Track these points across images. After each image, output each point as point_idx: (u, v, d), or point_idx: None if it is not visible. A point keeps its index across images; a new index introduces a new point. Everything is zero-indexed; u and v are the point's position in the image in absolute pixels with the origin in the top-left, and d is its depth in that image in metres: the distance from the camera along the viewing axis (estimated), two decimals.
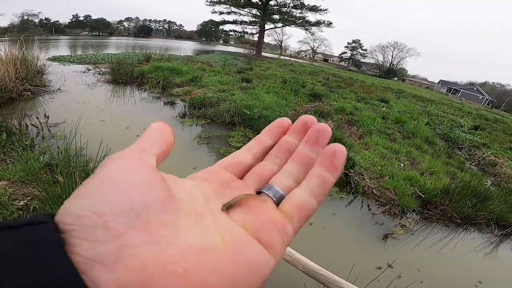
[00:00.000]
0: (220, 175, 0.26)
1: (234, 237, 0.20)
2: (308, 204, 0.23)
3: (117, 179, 0.18)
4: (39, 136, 3.67)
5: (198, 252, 0.17)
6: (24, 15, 63.40)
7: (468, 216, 3.33)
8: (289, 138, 0.29)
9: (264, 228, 0.21)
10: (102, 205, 0.16)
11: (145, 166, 0.20)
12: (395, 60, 71.15)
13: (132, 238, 0.16)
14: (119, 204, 0.17)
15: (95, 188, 0.17)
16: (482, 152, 6.37)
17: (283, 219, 0.22)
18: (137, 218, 0.17)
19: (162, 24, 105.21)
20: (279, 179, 0.26)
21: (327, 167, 0.24)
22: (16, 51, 5.87)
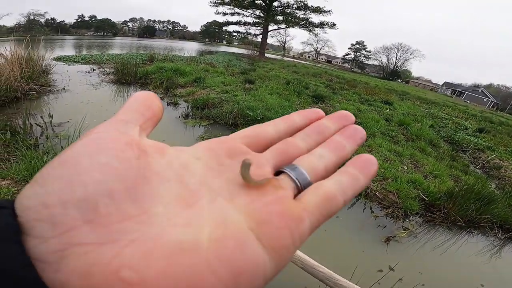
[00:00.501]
0: (232, 145, 0.22)
1: (227, 230, 0.16)
2: (335, 199, 0.19)
3: (79, 161, 0.15)
4: (43, 135, 3.70)
5: (170, 252, 0.14)
6: (30, 15, 64.21)
7: (472, 219, 3.31)
8: (326, 122, 0.25)
9: (270, 222, 0.17)
10: (51, 194, 0.14)
11: (117, 141, 0.17)
12: (399, 62, 70.97)
13: (81, 235, 0.13)
14: (71, 192, 0.14)
15: (52, 172, 0.15)
16: (486, 155, 6.32)
17: (300, 213, 0.18)
18: (92, 210, 0.14)
19: (166, 24, 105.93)
20: (307, 160, 0.22)
21: (361, 170, 0.21)
22: (22, 50, 5.92)
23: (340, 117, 0.26)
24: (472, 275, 2.70)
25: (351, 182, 0.20)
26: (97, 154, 0.15)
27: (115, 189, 0.15)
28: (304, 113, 0.26)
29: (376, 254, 2.60)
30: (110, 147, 0.16)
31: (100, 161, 0.15)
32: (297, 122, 0.25)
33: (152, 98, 0.22)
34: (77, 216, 0.13)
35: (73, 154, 0.15)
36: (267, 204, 0.18)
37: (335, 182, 0.20)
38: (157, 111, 0.21)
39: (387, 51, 70.96)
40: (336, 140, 0.24)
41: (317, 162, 0.22)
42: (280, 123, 0.25)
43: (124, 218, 0.14)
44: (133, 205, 0.15)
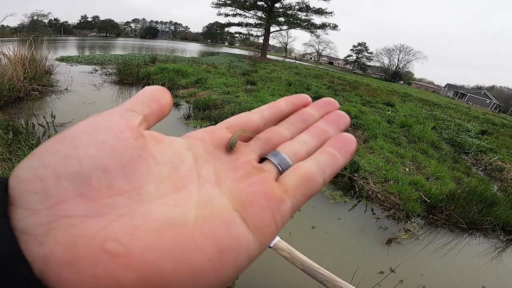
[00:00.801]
0: (219, 134, 0.23)
1: (213, 211, 0.16)
2: (314, 178, 0.20)
3: (77, 137, 0.15)
4: (45, 135, 3.72)
5: (157, 227, 0.14)
6: (34, 15, 64.56)
7: (474, 221, 3.30)
8: (310, 110, 0.26)
9: (254, 202, 0.17)
10: (46, 167, 0.14)
11: (118, 123, 0.17)
12: (401, 64, 70.97)
13: (71, 208, 0.13)
14: (66, 166, 0.14)
15: (50, 147, 0.15)
16: (489, 157, 6.29)
17: (281, 194, 0.18)
18: (85, 183, 0.14)
19: (168, 25, 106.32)
20: (289, 146, 0.23)
21: (339, 149, 0.22)
22: (25, 51, 5.97)
23: (325, 104, 0.26)
24: (474, 277, 2.68)
25: (330, 161, 0.21)
26: (95, 132, 0.16)
27: (109, 165, 0.15)
28: (290, 99, 0.26)
29: (377, 255, 2.59)
30: (110, 127, 0.17)
31: (98, 138, 0.16)
32: (283, 109, 0.26)
33: (162, 93, 0.22)
34: (70, 188, 0.14)
35: (72, 132, 0.16)
36: (250, 185, 0.18)
37: (313, 162, 0.21)
38: (164, 106, 0.22)
39: (389, 53, 70.97)
40: (319, 126, 0.24)
41: (299, 148, 0.22)
42: (265, 110, 0.26)
43: (116, 193, 0.15)
44: (126, 181, 0.15)
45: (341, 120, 0.25)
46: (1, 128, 3.32)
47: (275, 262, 1.75)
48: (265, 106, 0.26)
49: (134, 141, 0.17)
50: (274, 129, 0.25)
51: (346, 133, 0.23)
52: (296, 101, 0.26)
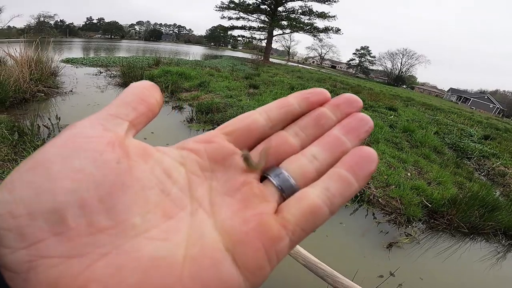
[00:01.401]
0: (218, 145, 0.20)
1: (204, 249, 0.15)
2: (320, 212, 0.18)
3: (50, 165, 0.14)
4: (50, 137, 3.76)
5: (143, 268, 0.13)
6: (40, 16, 65.17)
7: (475, 226, 3.30)
8: (326, 111, 0.22)
9: (247, 243, 0.16)
10: (19, 204, 0.13)
11: (98, 141, 0.15)
12: (404, 68, 70.78)
13: (49, 248, 0.12)
14: (39, 202, 0.13)
15: (21, 177, 0.13)
16: (491, 162, 6.27)
17: (279, 232, 0.16)
18: (61, 222, 0.13)
19: (172, 28, 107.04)
20: (296, 163, 0.20)
21: (355, 171, 0.18)
22: (32, 52, 6.03)
23: (345, 103, 0.22)
24: (475, 281, 2.69)
25: (341, 188, 0.18)
26: (71, 157, 0.14)
27: (87, 199, 0.13)
28: (303, 95, 0.23)
29: (378, 259, 2.59)
30: (88, 148, 0.15)
31: (74, 166, 0.14)
32: (295, 108, 0.22)
33: (150, 90, 0.20)
34: (45, 228, 0.13)
35: (45, 156, 0.14)
36: (246, 222, 0.17)
37: (321, 191, 0.18)
38: (153, 105, 0.19)
39: (392, 57, 70.88)
40: (334, 135, 0.21)
41: (308, 165, 0.20)
42: (273, 110, 0.22)
43: (96, 230, 0.13)
44: (107, 216, 0.14)
45: (362, 127, 0.21)
46: (7, 129, 3.37)
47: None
48: (273, 103, 0.22)
49: (116, 166, 0.15)
50: (281, 136, 0.21)
51: (366, 148, 0.19)
52: (311, 97, 0.23)
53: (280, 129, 0.22)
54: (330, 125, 0.22)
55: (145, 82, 0.20)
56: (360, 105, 0.22)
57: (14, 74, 5.23)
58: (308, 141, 0.21)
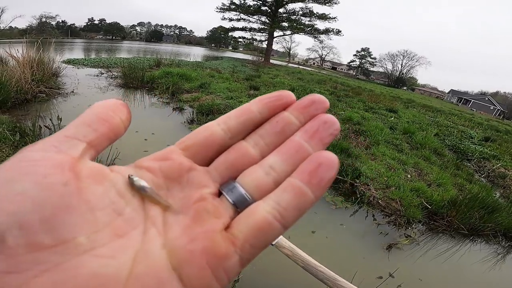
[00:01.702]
0: (173, 162, 0.20)
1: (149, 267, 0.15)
2: (269, 227, 0.17)
3: None
4: None
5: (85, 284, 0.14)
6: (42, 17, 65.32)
7: (475, 228, 3.31)
8: (289, 116, 0.21)
9: (191, 262, 0.16)
10: None
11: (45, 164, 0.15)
12: (404, 69, 70.77)
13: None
14: None
15: None
16: (492, 164, 6.27)
17: (226, 250, 0.16)
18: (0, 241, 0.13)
19: (173, 29, 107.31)
20: (253, 175, 0.19)
21: (311, 179, 0.18)
22: (33, 53, 6.05)
23: (309, 105, 0.21)
24: (474, 282, 2.70)
25: (295, 201, 0.17)
26: (14, 181, 0.14)
27: (27, 220, 0.14)
28: (265, 101, 0.21)
29: (377, 261, 2.60)
30: (32, 172, 0.15)
31: (16, 189, 0.14)
32: (255, 115, 0.21)
33: (115, 110, 0.20)
34: None
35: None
36: (192, 240, 0.16)
37: (272, 205, 0.17)
38: (116, 126, 0.19)
39: (393, 58, 70.89)
40: (295, 142, 0.20)
41: (263, 177, 0.19)
42: (232, 119, 0.21)
43: (37, 249, 0.14)
44: (49, 236, 0.14)
45: (326, 130, 0.20)
46: (8, 129, 3.39)
47: (276, 259, 1.77)
48: (233, 112, 0.22)
49: (62, 188, 0.15)
50: (240, 147, 0.21)
51: (325, 153, 0.18)
52: (272, 103, 0.21)
53: (241, 139, 0.21)
54: (293, 131, 0.20)
55: (111, 101, 0.20)
56: (326, 105, 0.21)
57: (16, 74, 5.25)
58: (269, 150, 0.20)
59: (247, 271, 2.05)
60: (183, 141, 0.21)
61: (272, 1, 29.19)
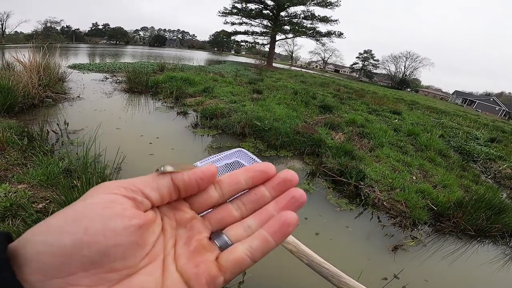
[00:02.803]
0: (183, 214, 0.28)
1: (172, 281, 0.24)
2: (243, 262, 0.25)
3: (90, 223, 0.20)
4: (58, 142, 3.83)
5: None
6: (47, 22, 66.06)
7: (482, 229, 3.28)
8: (264, 191, 0.29)
9: (197, 279, 0.24)
10: (61, 248, 0.19)
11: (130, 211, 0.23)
12: (408, 71, 70.42)
13: (77, 279, 0.19)
14: (78, 249, 0.19)
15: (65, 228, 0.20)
16: (498, 165, 6.22)
17: (216, 273, 0.25)
18: (90, 264, 0.19)
19: (176, 34, 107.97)
20: (235, 230, 0.28)
21: (274, 233, 0.26)
22: (40, 58, 6.11)
23: (281, 183, 0.29)
24: (482, 283, 2.67)
25: (261, 245, 0.26)
26: (109, 219, 0.21)
27: (112, 252, 0.20)
28: (251, 174, 0.29)
29: (383, 262, 2.59)
30: (122, 215, 0.22)
31: (109, 226, 0.21)
32: (242, 186, 0.29)
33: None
34: (78, 266, 0.19)
35: (87, 211, 0.21)
36: (196, 265, 0.25)
37: (246, 247, 0.26)
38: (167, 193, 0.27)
39: (396, 60, 70.61)
40: (267, 211, 0.28)
41: (242, 233, 0.27)
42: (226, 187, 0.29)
43: (112, 270, 0.20)
44: (122, 263, 0.21)
45: (292, 205, 0.28)
46: (16, 134, 3.43)
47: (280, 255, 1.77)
48: (226, 178, 0.29)
49: (137, 231, 0.22)
50: (226, 209, 0.29)
51: (289, 214, 0.26)
52: (257, 177, 0.29)
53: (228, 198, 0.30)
54: (266, 202, 0.29)
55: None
56: (295, 182, 0.29)
57: (23, 79, 5.32)
58: (247, 213, 0.29)
59: (252, 273, 2.05)
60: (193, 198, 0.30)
61: (273, 5, 29.30)
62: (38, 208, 2.35)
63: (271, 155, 4.53)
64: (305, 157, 4.66)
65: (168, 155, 4.00)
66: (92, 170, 2.76)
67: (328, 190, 3.67)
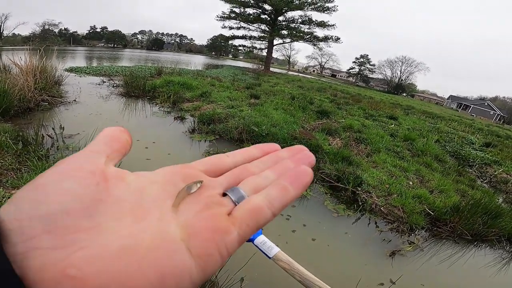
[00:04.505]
0: (190, 171, 0.25)
1: (163, 241, 0.19)
2: (261, 211, 0.22)
3: (47, 185, 0.19)
4: (53, 147, 3.79)
5: (111, 256, 0.18)
6: (45, 24, 65.85)
7: (479, 233, 3.30)
8: (282, 152, 0.29)
9: (198, 234, 0.20)
10: (22, 211, 0.18)
11: (82, 170, 0.21)
12: (403, 75, 70.99)
13: (41, 242, 0.17)
14: (37, 210, 0.18)
15: (25, 195, 0.19)
16: (493, 169, 6.27)
17: (227, 227, 0.21)
18: (52, 223, 0.17)
19: (173, 37, 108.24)
20: (250, 181, 0.25)
21: (292, 181, 0.24)
22: (36, 61, 6.06)
23: (296, 148, 0.29)
24: (479, 287, 2.69)
25: (280, 194, 0.23)
26: (62, 181, 0.19)
27: (72, 208, 0.18)
28: (261, 147, 0.30)
29: (381, 268, 2.58)
30: (75, 175, 0.20)
31: (64, 186, 0.19)
32: (255, 154, 0.28)
33: (120, 133, 0.26)
34: (39, 227, 0.17)
35: (44, 180, 0.19)
36: (201, 219, 0.21)
37: (263, 196, 0.23)
38: (124, 143, 0.25)
39: (392, 65, 71.22)
40: (283, 163, 0.27)
41: (260, 182, 0.25)
42: (237, 155, 0.28)
43: (78, 230, 0.18)
44: (87, 220, 0.18)
45: (306, 159, 0.27)
46: (11, 138, 3.39)
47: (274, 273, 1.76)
48: (237, 151, 0.29)
49: (95, 187, 0.20)
50: (245, 166, 0.27)
51: (304, 166, 0.25)
52: (266, 148, 0.29)
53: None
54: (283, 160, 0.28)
55: (116, 127, 0.26)
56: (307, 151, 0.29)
57: (19, 82, 5.27)
58: (265, 169, 0.27)
59: (248, 285, 2.03)
60: (199, 162, 0.27)
61: (271, 10, 29.53)
62: None
63: None
64: None
65: (164, 160, 3.98)
66: None
67: (326, 195, 3.67)
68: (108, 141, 0.24)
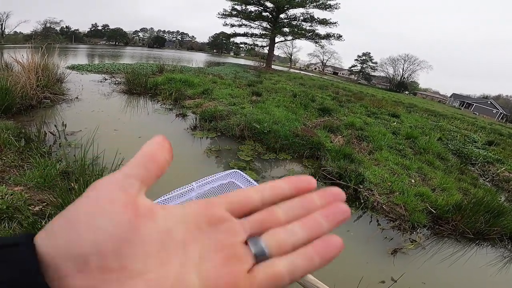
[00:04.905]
0: (216, 212, 0.24)
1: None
2: (281, 279, 0.22)
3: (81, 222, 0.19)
4: (56, 144, 3.80)
5: None
6: (47, 22, 65.82)
7: (481, 232, 3.29)
8: (315, 197, 0.26)
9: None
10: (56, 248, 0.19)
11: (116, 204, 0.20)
12: (406, 73, 70.51)
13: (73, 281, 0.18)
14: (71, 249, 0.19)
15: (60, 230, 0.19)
16: (496, 168, 6.24)
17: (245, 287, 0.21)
18: (84, 264, 0.18)
19: (175, 35, 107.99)
20: (276, 235, 0.24)
21: (319, 252, 0.23)
22: (38, 59, 6.07)
23: (331, 194, 0.26)
24: (481, 285, 2.69)
25: (305, 264, 0.22)
26: (95, 216, 0.20)
27: (104, 249, 0.19)
28: (293, 181, 0.26)
29: (383, 266, 2.58)
30: (107, 210, 0.20)
31: (96, 224, 0.19)
32: (285, 191, 0.26)
33: (160, 151, 0.24)
34: (73, 267, 0.18)
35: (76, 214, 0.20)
36: (220, 275, 0.21)
37: (288, 263, 0.22)
38: (161, 164, 0.24)
39: (394, 63, 70.73)
40: (314, 218, 0.24)
41: (286, 239, 0.23)
42: (266, 191, 0.26)
43: (108, 271, 0.19)
44: (116, 260, 0.19)
45: (340, 216, 0.25)
46: (14, 135, 3.41)
47: None
48: (266, 185, 0.26)
49: (127, 225, 0.20)
50: (272, 211, 0.25)
51: (335, 237, 0.24)
52: (299, 184, 0.26)
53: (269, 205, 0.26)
54: (314, 209, 0.25)
55: (157, 139, 0.25)
56: (342, 197, 0.26)
57: (21, 80, 5.29)
58: (294, 218, 0.25)
59: None
60: (225, 197, 0.25)
61: (273, 7, 29.40)
62: (35, 210, 2.33)
63: (270, 158, 4.52)
64: (304, 160, 4.66)
65: None
66: (90, 173, 2.74)
67: None
68: (145, 162, 0.23)
